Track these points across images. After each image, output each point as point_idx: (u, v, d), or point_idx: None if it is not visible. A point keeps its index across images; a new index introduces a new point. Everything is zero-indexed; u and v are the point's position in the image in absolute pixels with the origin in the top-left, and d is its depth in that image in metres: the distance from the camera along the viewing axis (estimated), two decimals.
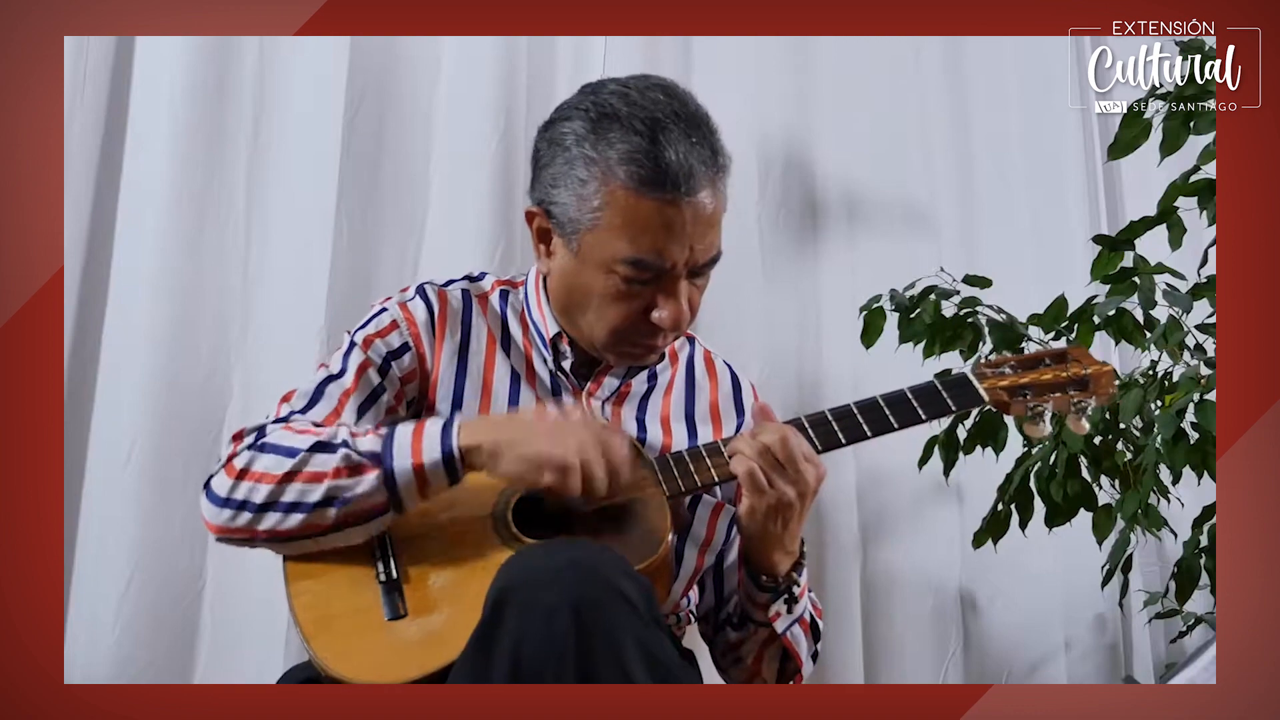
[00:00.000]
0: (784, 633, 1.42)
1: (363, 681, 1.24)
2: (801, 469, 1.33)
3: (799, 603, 1.43)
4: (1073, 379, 1.46)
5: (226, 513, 1.31)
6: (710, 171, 1.35)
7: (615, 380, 1.50)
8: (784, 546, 1.38)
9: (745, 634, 1.46)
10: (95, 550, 2.09)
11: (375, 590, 1.30)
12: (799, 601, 1.43)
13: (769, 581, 1.40)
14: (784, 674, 1.48)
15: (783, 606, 1.41)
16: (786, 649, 1.44)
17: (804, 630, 1.46)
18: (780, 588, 1.40)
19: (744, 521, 1.37)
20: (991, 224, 2.73)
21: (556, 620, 1.10)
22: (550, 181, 1.38)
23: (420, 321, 1.46)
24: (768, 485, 1.32)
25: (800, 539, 1.41)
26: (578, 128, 1.36)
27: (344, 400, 1.40)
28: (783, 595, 1.41)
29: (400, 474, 1.29)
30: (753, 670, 1.47)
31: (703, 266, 1.39)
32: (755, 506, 1.34)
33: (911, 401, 1.42)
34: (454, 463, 1.30)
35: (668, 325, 1.39)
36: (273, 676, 1.51)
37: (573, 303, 1.43)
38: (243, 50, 2.28)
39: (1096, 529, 2.15)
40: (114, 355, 2.14)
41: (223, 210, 2.24)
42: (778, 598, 1.41)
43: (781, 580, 1.40)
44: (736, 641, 1.48)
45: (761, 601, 1.41)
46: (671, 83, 1.40)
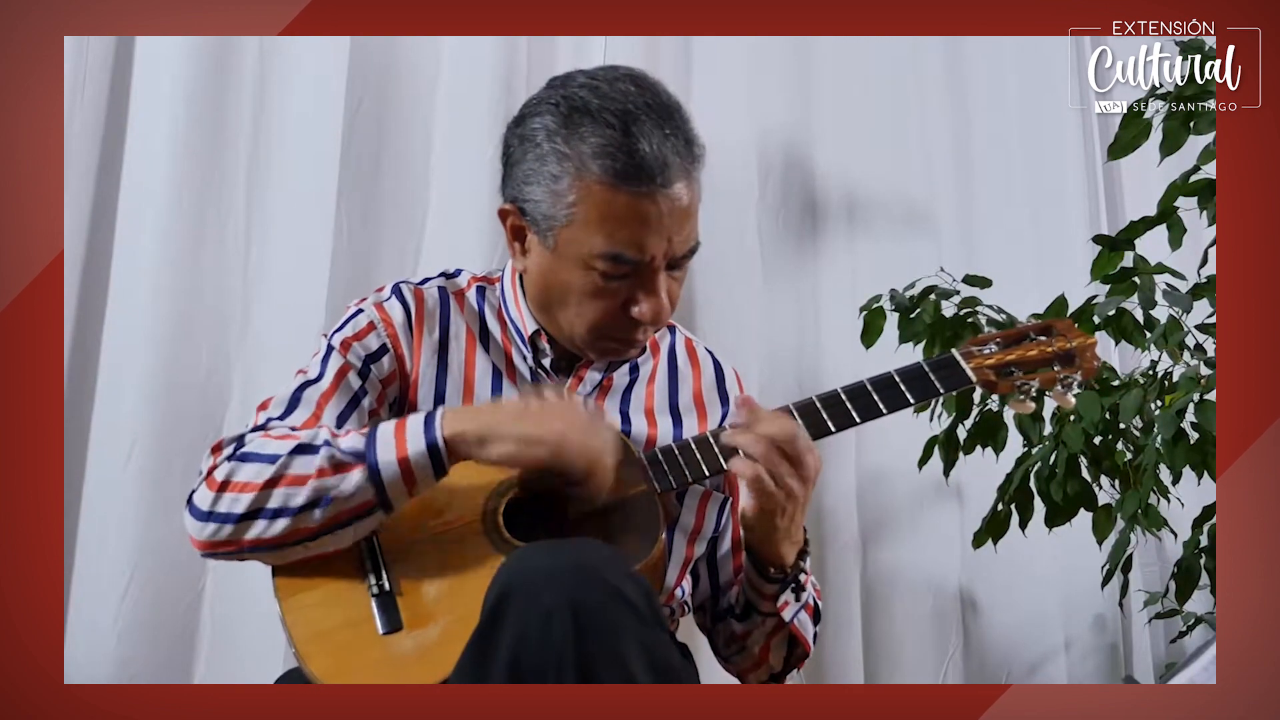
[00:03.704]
0: (791, 620, 1.42)
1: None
2: (806, 461, 1.32)
3: (805, 590, 1.43)
4: (1058, 353, 1.45)
5: (210, 526, 1.29)
6: (685, 162, 1.33)
7: (597, 375, 1.48)
8: (790, 537, 1.37)
9: (752, 625, 1.45)
10: (95, 550, 2.09)
11: (368, 603, 1.29)
12: (805, 589, 1.43)
13: (778, 573, 1.39)
14: (791, 659, 1.48)
15: (791, 595, 1.41)
16: (794, 635, 1.44)
17: (809, 614, 1.46)
18: (789, 577, 1.40)
19: (753, 521, 1.35)
20: (991, 224, 2.73)
21: (556, 622, 1.09)
22: (522, 178, 1.36)
23: (398, 322, 1.44)
24: (774, 486, 1.31)
25: (803, 524, 1.40)
26: (548, 122, 1.34)
27: (323, 404, 1.38)
28: (790, 584, 1.40)
29: (385, 467, 1.27)
30: (759, 659, 1.47)
31: (681, 258, 1.37)
32: (765, 507, 1.32)
33: (899, 384, 1.40)
34: (439, 453, 1.28)
35: (648, 319, 1.37)
36: (273, 676, 1.50)
37: (551, 300, 1.41)
38: (243, 50, 2.28)
39: (1096, 529, 2.15)
40: (114, 355, 2.14)
41: (223, 210, 2.24)
42: (786, 588, 1.40)
43: (790, 570, 1.40)
44: (743, 633, 1.47)
45: (769, 593, 1.41)
46: (640, 72, 1.38)
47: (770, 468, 1.31)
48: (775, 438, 1.31)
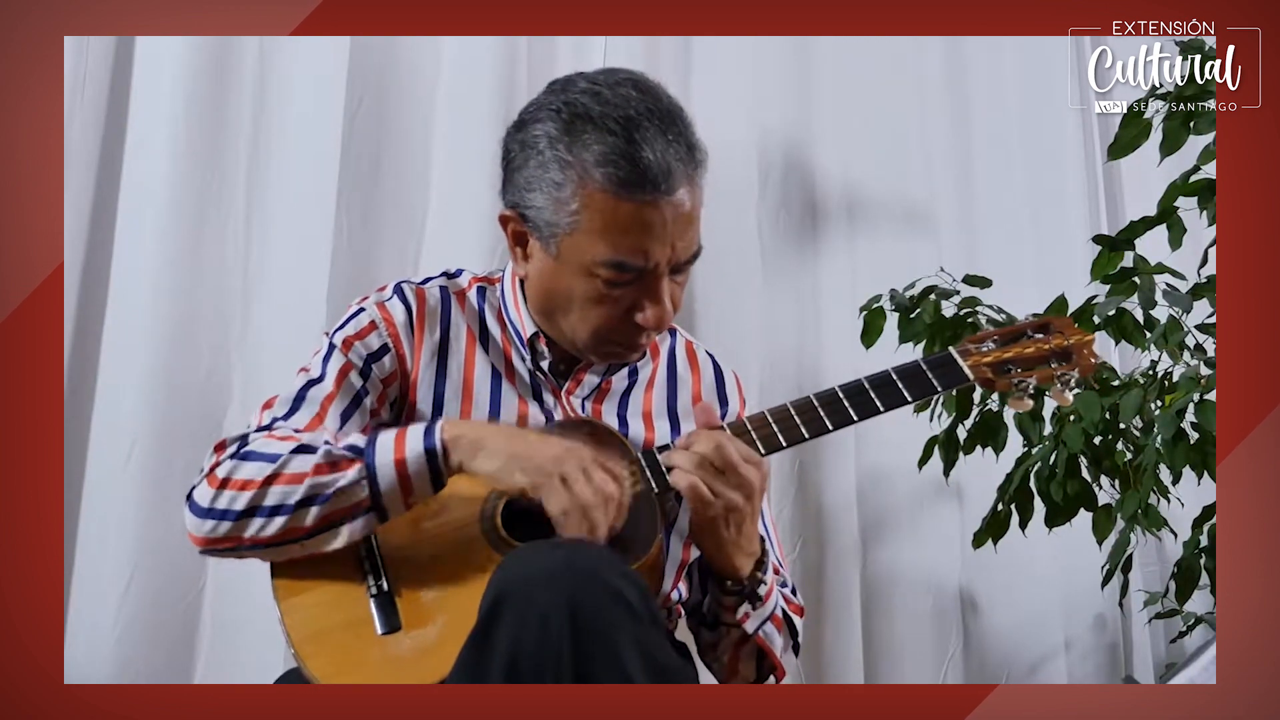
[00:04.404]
0: (755, 632, 1.42)
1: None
2: (743, 471, 1.32)
3: (766, 602, 1.42)
4: (1055, 350, 1.45)
5: (209, 523, 1.29)
6: (688, 168, 1.33)
7: (595, 378, 1.49)
8: (743, 549, 1.37)
9: (718, 635, 1.45)
10: (95, 550, 2.09)
11: (367, 604, 1.29)
12: (766, 601, 1.42)
13: (734, 585, 1.40)
14: (762, 672, 1.47)
15: (749, 608, 1.41)
16: (761, 648, 1.43)
17: (777, 627, 1.44)
18: (746, 589, 1.40)
19: (696, 533, 1.37)
20: (991, 224, 2.73)
21: (553, 623, 1.09)
22: (524, 185, 1.36)
23: (399, 322, 1.44)
24: (711, 495, 1.32)
25: (761, 537, 1.41)
26: (550, 129, 1.33)
27: (326, 405, 1.38)
28: (748, 596, 1.40)
29: (382, 468, 1.27)
30: (730, 669, 1.47)
31: (684, 264, 1.37)
32: (704, 517, 1.34)
33: (897, 383, 1.41)
34: (436, 458, 1.28)
35: (651, 325, 1.37)
36: (273, 676, 1.50)
37: (553, 305, 1.41)
38: (243, 50, 2.28)
39: (1096, 529, 2.15)
40: (114, 355, 2.14)
41: (223, 210, 2.24)
42: (744, 600, 1.40)
43: (746, 582, 1.39)
44: (712, 642, 1.47)
45: (729, 604, 1.41)
46: (641, 76, 1.37)
47: (704, 477, 1.32)
48: (707, 450, 1.32)
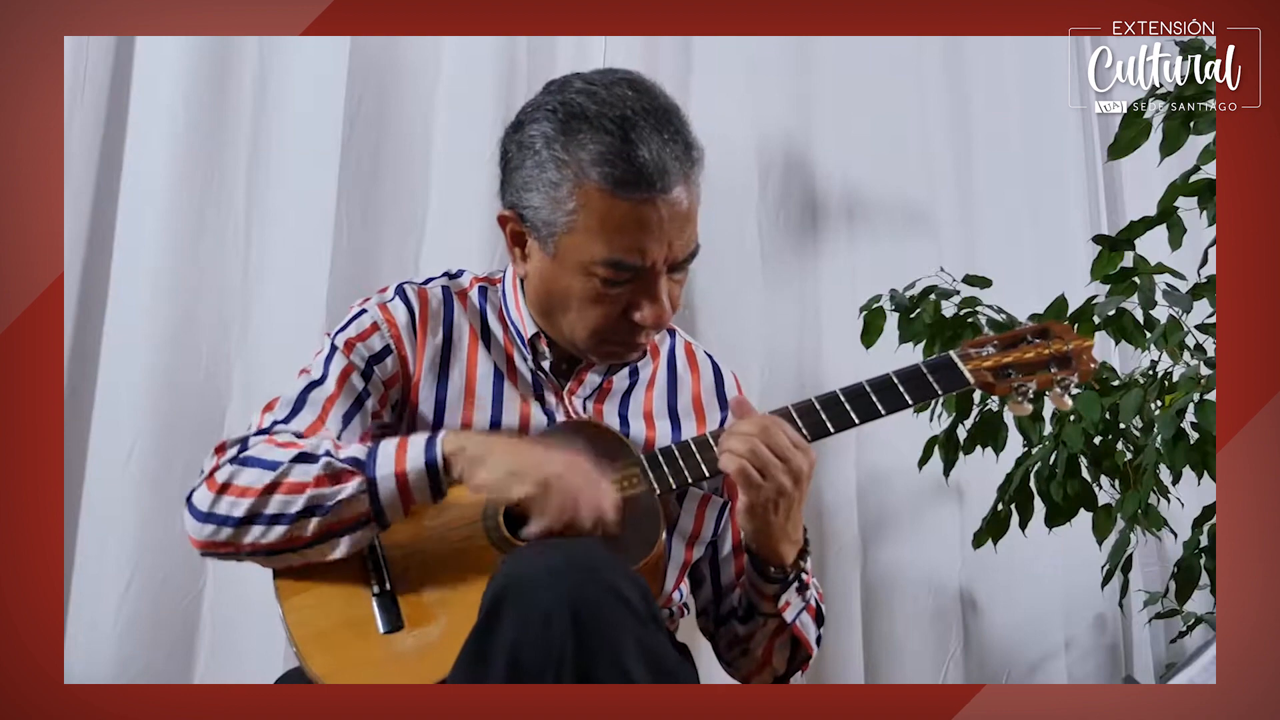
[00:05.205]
0: (794, 621, 1.43)
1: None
2: (791, 456, 1.33)
3: (808, 589, 1.44)
4: (1055, 355, 1.46)
5: (209, 528, 1.30)
6: (684, 167, 1.33)
7: (596, 378, 1.49)
8: (789, 536, 1.38)
9: (754, 626, 1.45)
10: (95, 550, 2.09)
11: (369, 603, 1.30)
12: (808, 588, 1.43)
13: (778, 572, 1.40)
14: (794, 661, 1.48)
15: (793, 595, 1.41)
16: (796, 637, 1.44)
17: (811, 616, 1.46)
18: (790, 577, 1.40)
19: (745, 518, 1.36)
20: (991, 224, 2.73)
21: (554, 623, 1.09)
22: (521, 185, 1.36)
23: (401, 323, 1.44)
24: (761, 479, 1.32)
25: (803, 525, 1.41)
26: (546, 129, 1.34)
27: (328, 407, 1.38)
28: (793, 584, 1.41)
29: (382, 481, 1.28)
30: (762, 661, 1.47)
31: (682, 262, 1.38)
32: (754, 501, 1.34)
33: (898, 386, 1.41)
34: (437, 470, 1.28)
35: (650, 324, 1.38)
36: (273, 676, 1.51)
37: (552, 305, 1.41)
38: (243, 50, 2.28)
39: (1096, 529, 2.15)
40: (114, 355, 2.13)
41: (223, 210, 2.24)
42: (788, 587, 1.41)
43: (790, 569, 1.40)
44: (745, 635, 1.47)
45: (770, 593, 1.41)
46: (638, 76, 1.37)
47: (754, 461, 1.32)
48: (756, 433, 1.33)
